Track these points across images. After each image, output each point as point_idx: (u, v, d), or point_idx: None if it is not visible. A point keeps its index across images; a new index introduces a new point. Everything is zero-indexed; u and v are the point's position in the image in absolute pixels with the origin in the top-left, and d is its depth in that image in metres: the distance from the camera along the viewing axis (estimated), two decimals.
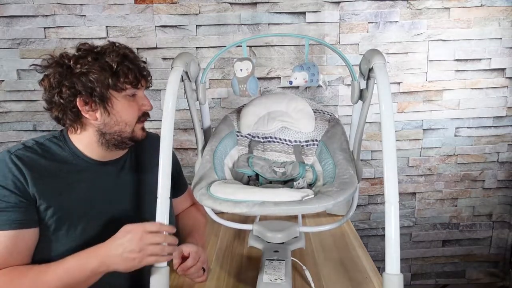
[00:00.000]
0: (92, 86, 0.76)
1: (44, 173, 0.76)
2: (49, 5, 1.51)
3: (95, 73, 0.76)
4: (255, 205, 0.69)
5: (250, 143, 1.07)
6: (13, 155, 0.75)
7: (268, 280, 0.82)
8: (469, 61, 1.65)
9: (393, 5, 1.58)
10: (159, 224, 0.73)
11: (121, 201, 0.87)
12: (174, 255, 0.79)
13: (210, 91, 1.62)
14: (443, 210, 1.81)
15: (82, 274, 0.71)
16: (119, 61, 0.78)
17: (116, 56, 0.78)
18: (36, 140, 0.81)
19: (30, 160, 0.76)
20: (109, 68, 0.77)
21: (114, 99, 0.80)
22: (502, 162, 1.76)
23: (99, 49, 0.80)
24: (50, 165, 0.78)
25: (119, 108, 0.81)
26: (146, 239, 0.70)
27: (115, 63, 0.78)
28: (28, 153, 0.77)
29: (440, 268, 1.88)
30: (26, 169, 0.74)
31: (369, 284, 0.90)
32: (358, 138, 0.87)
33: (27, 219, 0.73)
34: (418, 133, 1.71)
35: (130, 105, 0.83)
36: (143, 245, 0.70)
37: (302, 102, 1.09)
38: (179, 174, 1.09)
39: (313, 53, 1.61)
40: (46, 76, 0.79)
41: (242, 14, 1.56)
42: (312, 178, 0.96)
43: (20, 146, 0.78)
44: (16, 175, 0.73)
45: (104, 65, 0.77)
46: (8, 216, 0.71)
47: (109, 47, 0.80)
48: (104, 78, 0.77)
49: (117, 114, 0.81)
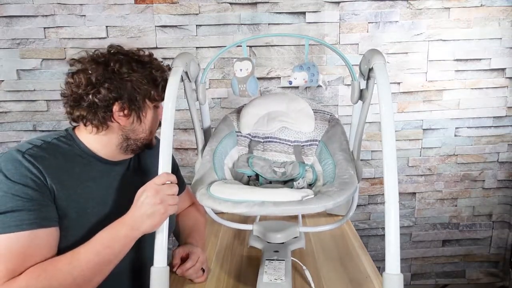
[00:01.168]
0: (136, 95, 0.80)
1: (58, 170, 0.75)
2: (49, 5, 1.51)
3: (144, 84, 0.80)
4: (255, 205, 0.69)
5: (250, 143, 1.07)
6: (26, 154, 0.73)
7: (268, 280, 0.82)
8: (469, 61, 1.65)
9: (393, 5, 1.58)
10: (165, 175, 0.75)
11: (126, 201, 0.87)
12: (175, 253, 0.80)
13: (210, 91, 1.62)
14: (443, 210, 1.81)
15: (117, 244, 0.71)
16: (161, 76, 0.83)
17: (159, 71, 0.83)
18: (43, 140, 0.79)
19: (44, 159, 0.75)
20: (153, 81, 0.82)
21: (148, 109, 0.84)
22: (502, 162, 1.76)
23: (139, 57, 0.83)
24: (62, 163, 0.77)
25: (150, 117, 0.85)
26: (162, 190, 0.72)
27: (160, 77, 0.83)
28: (40, 151, 0.76)
29: (440, 268, 1.88)
30: (42, 166, 0.73)
31: (369, 284, 0.90)
32: (358, 138, 0.87)
33: (52, 215, 0.72)
34: (418, 133, 1.71)
35: (156, 115, 0.87)
36: (163, 196, 0.72)
37: (302, 102, 1.09)
38: (177, 174, 1.09)
39: (313, 53, 1.61)
40: (83, 72, 0.77)
41: (242, 14, 1.56)
42: (312, 178, 0.96)
43: (29, 145, 0.76)
44: (34, 173, 0.71)
45: (150, 77, 0.81)
46: (35, 214, 0.69)
47: (150, 57, 0.84)
48: (149, 90, 0.81)
49: (148, 122, 0.85)
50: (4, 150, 1.61)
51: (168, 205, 0.72)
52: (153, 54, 0.86)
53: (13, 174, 0.70)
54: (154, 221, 0.71)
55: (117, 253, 0.72)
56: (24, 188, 0.70)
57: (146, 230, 0.72)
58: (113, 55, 0.80)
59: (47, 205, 0.72)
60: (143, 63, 0.82)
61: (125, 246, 0.72)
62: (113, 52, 0.81)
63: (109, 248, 0.70)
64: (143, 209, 0.71)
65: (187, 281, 0.92)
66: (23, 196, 0.69)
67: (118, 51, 0.81)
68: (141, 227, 0.71)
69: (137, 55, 0.83)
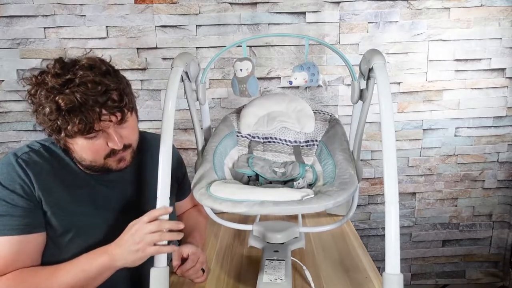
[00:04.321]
0: (43, 125, 0.71)
1: (50, 177, 0.75)
2: (49, 5, 1.51)
3: (43, 113, 0.68)
4: (255, 205, 0.69)
5: (250, 144, 1.07)
6: (20, 159, 0.74)
7: (268, 280, 0.82)
8: (469, 61, 1.65)
9: (393, 5, 1.58)
10: (153, 212, 0.73)
11: (124, 206, 0.86)
12: (174, 250, 0.79)
13: (210, 91, 1.62)
14: (443, 210, 1.81)
15: (94, 270, 0.71)
16: (70, 107, 0.66)
17: (69, 96, 0.66)
18: (41, 143, 0.80)
19: (36, 165, 0.75)
20: (57, 110, 0.67)
21: (69, 140, 0.73)
22: (502, 162, 1.76)
23: (59, 80, 0.67)
24: (55, 169, 0.77)
25: (78, 148, 0.74)
26: (142, 229, 0.71)
27: (65, 105, 0.66)
28: (34, 156, 0.76)
29: (440, 268, 1.88)
30: (33, 173, 0.73)
31: (369, 284, 0.90)
32: (358, 138, 0.87)
33: (36, 222, 0.73)
34: (418, 133, 1.71)
35: (90, 146, 0.73)
36: (142, 235, 0.70)
37: (302, 102, 1.09)
38: (184, 178, 1.08)
39: (313, 53, 1.61)
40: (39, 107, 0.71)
41: (242, 14, 1.56)
42: (312, 178, 0.96)
43: (26, 149, 0.77)
44: (23, 179, 0.72)
45: (53, 104, 0.67)
46: (18, 220, 0.70)
47: (70, 80, 0.68)
48: (51, 122, 0.68)
49: (79, 152, 0.74)
50: (4, 150, 1.61)
51: (147, 245, 0.70)
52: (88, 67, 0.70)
53: (4, 179, 0.71)
54: (131, 259, 0.71)
55: (92, 279, 0.72)
56: (11, 194, 0.71)
57: (124, 265, 0.72)
58: (39, 83, 0.70)
59: (32, 211, 0.72)
60: (53, 88, 0.68)
61: (101, 274, 0.72)
62: (40, 82, 0.70)
63: (85, 272, 0.71)
64: (126, 245, 0.71)
65: (187, 281, 0.92)
66: (9, 201, 0.70)
67: (42, 72, 0.71)
68: (119, 261, 0.71)
69: (59, 74, 0.69)
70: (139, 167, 0.92)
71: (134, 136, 0.81)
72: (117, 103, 0.71)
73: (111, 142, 0.74)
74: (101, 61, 0.74)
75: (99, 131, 0.71)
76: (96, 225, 0.80)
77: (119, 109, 0.72)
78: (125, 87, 0.75)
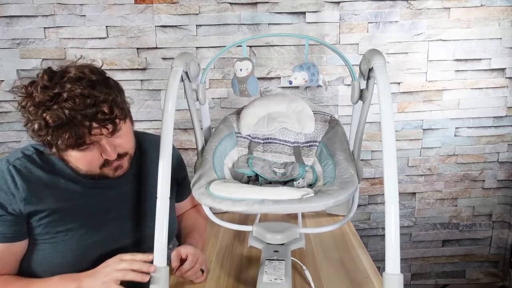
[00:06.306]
0: (35, 140, 0.70)
1: (41, 184, 0.75)
2: (49, 5, 1.51)
3: (32, 130, 0.67)
4: (254, 203, 0.69)
5: (250, 144, 1.07)
6: (11, 166, 0.74)
7: (268, 280, 0.82)
8: (469, 61, 1.65)
9: (393, 5, 1.58)
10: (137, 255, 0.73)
11: (121, 209, 0.86)
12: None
13: (210, 91, 1.62)
14: (443, 210, 1.81)
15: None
16: (58, 123, 0.65)
17: (57, 112, 0.64)
18: (36, 148, 0.79)
19: (28, 171, 0.74)
20: (46, 127, 0.66)
21: (62, 153, 0.72)
22: (502, 162, 1.76)
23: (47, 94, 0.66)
24: (48, 176, 0.76)
25: (73, 159, 0.73)
26: (115, 264, 0.71)
27: (53, 121, 0.64)
28: (27, 162, 0.76)
29: (440, 268, 1.88)
30: (22, 181, 0.73)
31: (369, 284, 0.90)
32: (358, 138, 0.87)
33: (18, 232, 0.73)
34: (418, 133, 1.71)
35: (83, 157, 0.72)
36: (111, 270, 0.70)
37: (302, 103, 1.09)
38: (185, 179, 1.07)
39: (313, 53, 1.61)
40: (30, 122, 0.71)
41: (242, 14, 1.56)
42: (312, 178, 0.96)
43: (19, 154, 0.77)
44: (10, 187, 0.72)
45: (42, 121, 0.65)
46: (5, 229, 0.71)
47: (58, 94, 0.66)
48: (41, 137, 0.68)
49: (74, 163, 0.74)
50: (4, 150, 1.61)
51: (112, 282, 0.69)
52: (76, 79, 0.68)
53: None
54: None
55: None
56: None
57: None
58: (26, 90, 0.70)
59: (12, 221, 0.72)
60: (40, 103, 0.67)
61: None
62: (29, 93, 0.70)
63: None
64: (97, 277, 0.71)
65: (187, 281, 0.91)
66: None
67: (31, 82, 0.71)
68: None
69: (47, 86, 0.67)
70: (139, 168, 0.92)
71: (129, 144, 0.79)
72: (108, 115, 0.70)
73: (105, 153, 0.73)
74: (90, 71, 0.71)
75: (91, 143, 0.70)
76: (90, 230, 0.79)
77: (110, 121, 0.70)
78: (116, 97, 0.73)
